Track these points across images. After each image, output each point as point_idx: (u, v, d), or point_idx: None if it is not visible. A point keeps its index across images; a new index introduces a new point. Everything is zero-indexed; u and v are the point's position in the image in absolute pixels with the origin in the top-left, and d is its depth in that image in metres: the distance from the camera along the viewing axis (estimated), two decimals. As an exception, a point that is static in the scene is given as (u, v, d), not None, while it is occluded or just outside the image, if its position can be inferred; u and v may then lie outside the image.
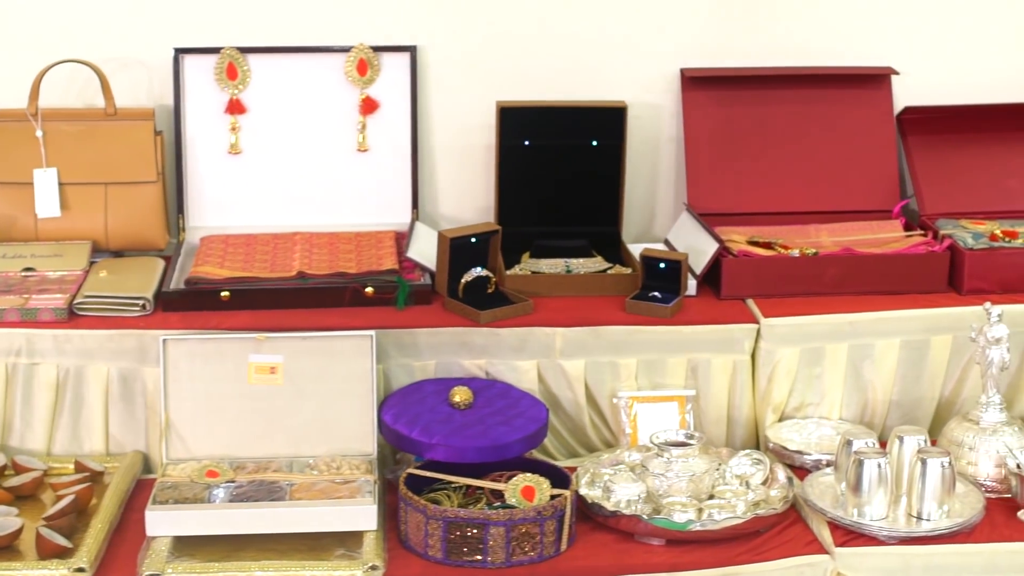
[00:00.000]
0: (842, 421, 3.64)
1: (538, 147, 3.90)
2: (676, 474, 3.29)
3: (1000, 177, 4.01)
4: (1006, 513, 3.31)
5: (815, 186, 4.00)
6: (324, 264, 3.65)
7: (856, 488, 3.24)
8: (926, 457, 3.25)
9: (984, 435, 3.43)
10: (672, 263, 3.60)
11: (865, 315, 3.59)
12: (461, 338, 3.51)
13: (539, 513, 3.11)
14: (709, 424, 3.60)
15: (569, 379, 3.53)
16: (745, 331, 3.55)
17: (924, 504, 3.25)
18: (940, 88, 4.07)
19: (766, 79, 4.00)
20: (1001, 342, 3.41)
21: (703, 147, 3.96)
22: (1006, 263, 3.69)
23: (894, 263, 3.70)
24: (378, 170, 3.93)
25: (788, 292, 3.67)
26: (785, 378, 3.58)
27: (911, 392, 3.63)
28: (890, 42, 4.04)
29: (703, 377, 3.56)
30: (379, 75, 3.90)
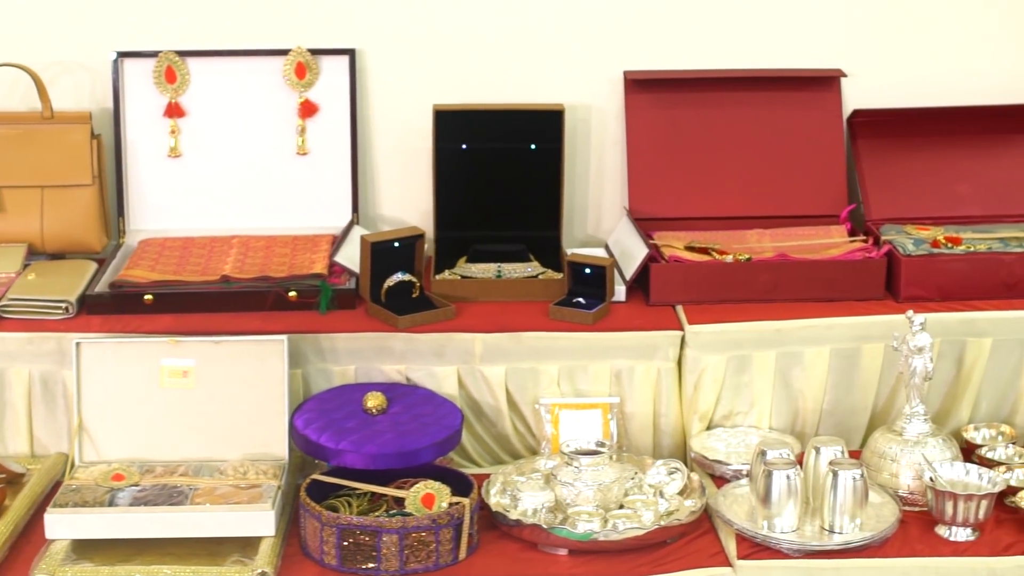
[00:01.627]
0: (772, 430, 3.58)
1: (476, 151, 3.87)
2: (584, 483, 3.25)
3: (951, 182, 3.93)
4: (922, 527, 3.24)
5: (761, 190, 3.93)
6: (255, 268, 3.65)
7: (765, 499, 3.18)
8: (837, 469, 3.19)
9: (907, 447, 3.35)
10: (597, 268, 3.56)
11: (793, 322, 3.52)
12: (380, 343, 3.49)
13: (434, 521, 3.08)
14: (635, 432, 3.55)
15: (490, 385, 3.50)
16: (668, 338, 3.50)
17: (836, 517, 3.18)
18: (891, 91, 3.99)
19: (711, 81, 3.94)
20: (924, 351, 3.34)
21: (646, 151, 3.91)
22: (945, 270, 3.61)
23: (829, 270, 3.63)
24: (318, 173, 3.92)
25: (719, 299, 3.61)
26: (711, 386, 3.52)
27: (843, 401, 3.56)
28: (839, 44, 3.97)
29: (627, 384, 3.52)
30: (318, 78, 3.90)
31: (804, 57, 3.97)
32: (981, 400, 3.62)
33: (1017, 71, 3.99)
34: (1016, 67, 3.99)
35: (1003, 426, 3.60)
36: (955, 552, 3.16)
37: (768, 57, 3.97)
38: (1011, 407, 3.63)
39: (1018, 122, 3.94)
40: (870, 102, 3.96)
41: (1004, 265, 3.62)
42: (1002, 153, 3.94)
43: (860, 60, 3.97)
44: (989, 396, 3.61)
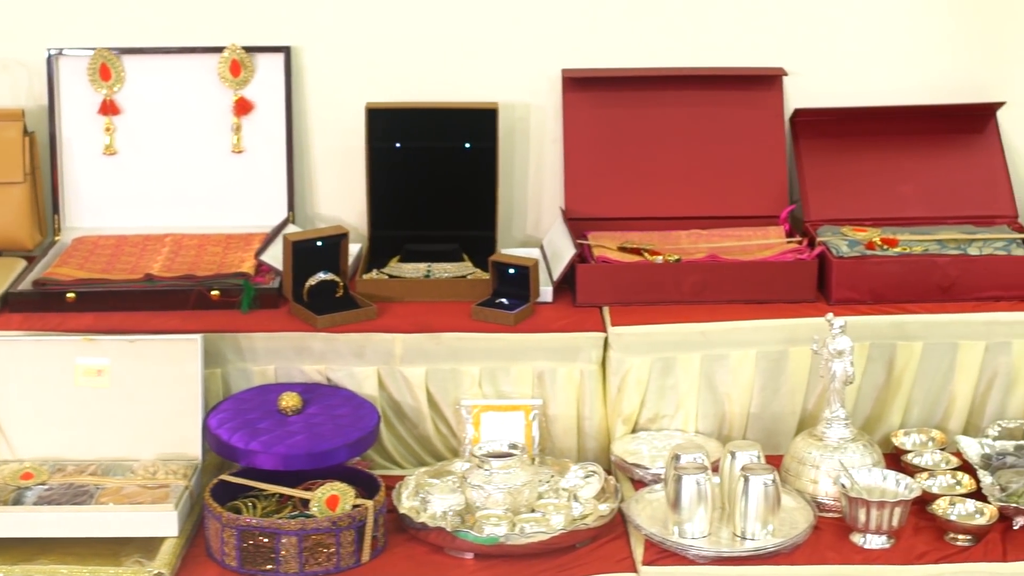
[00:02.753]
0: (698, 434, 3.53)
1: (410, 150, 3.84)
2: (495, 486, 3.21)
3: (894, 183, 3.86)
4: (838, 534, 3.19)
5: (701, 191, 3.88)
6: (184, 266, 3.63)
7: (676, 504, 3.14)
8: (749, 474, 3.14)
9: (827, 452, 3.29)
10: (521, 269, 3.52)
11: (718, 325, 3.47)
12: (300, 343, 3.47)
13: (334, 523, 3.06)
14: (558, 435, 3.51)
15: (410, 386, 3.48)
16: (591, 340, 3.46)
17: (747, 523, 3.13)
18: (835, 90, 3.93)
19: (651, 80, 3.89)
20: (844, 355, 3.29)
21: (583, 150, 3.87)
22: (876, 272, 3.55)
23: (760, 271, 3.58)
24: (254, 171, 3.91)
25: (647, 300, 3.57)
26: (636, 389, 3.48)
27: (770, 405, 3.51)
28: (781, 43, 3.92)
29: (550, 386, 3.48)
30: (253, 76, 3.88)
31: (745, 56, 3.92)
32: (912, 405, 3.56)
33: (962, 70, 3.93)
34: (961, 66, 3.93)
35: (933, 431, 3.54)
36: (866, 560, 3.10)
37: (709, 56, 3.92)
38: (943, 412, 3.57)
39: (963, 122, 3.88)
40: (813, 101, 3.90)
41: (938, 267, 3.56)
42: (946, 154, 3.88)
43: (803, 59, 3.92)
44: (920, 401, 3.55)
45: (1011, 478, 3.28)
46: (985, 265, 3.57)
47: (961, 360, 3.51)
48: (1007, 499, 3.20)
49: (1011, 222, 3.81)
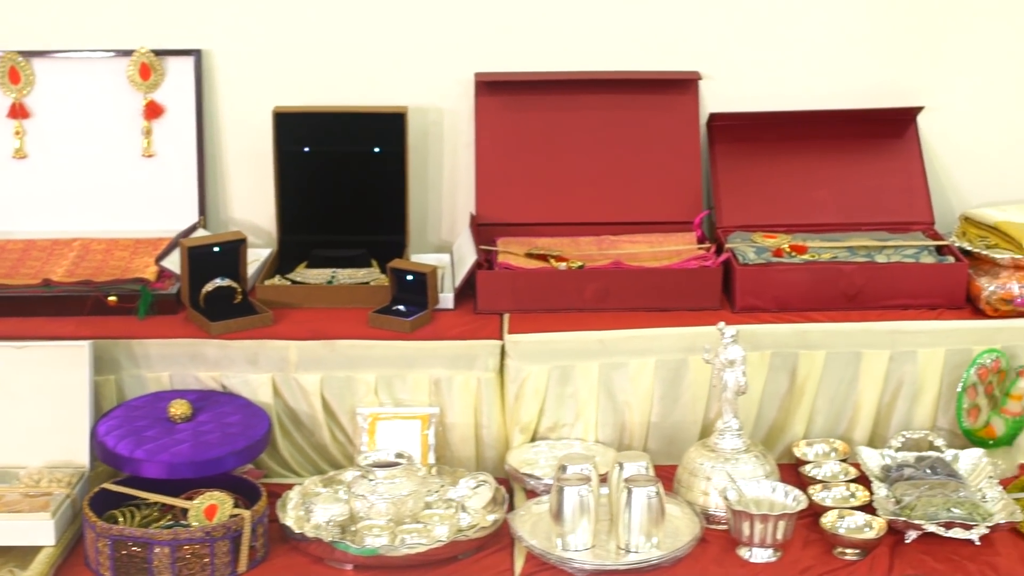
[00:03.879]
0: (597, 443, 3.48)
1: (319, 154, 3.80)
2: (379, 496, 3.17)
3: (809, 188, 3.81)
4: (725, 547, 3.14)
5: (616, 196, 3.84)
6: (89, 271, 3.61)
7: (558, 516, 3.10)
8: (632, 486, 3.09)
9: (719, 463, 3.25)
10: (419, 275, 3.48)
11: (616, 333, 3.43)
12: (194, 350, 3.44)
13: (208, 534, 3.03)
14: (456, 443, 3.48)
15: (305, 393, 3.44)
16: (487, 347, 3.42)
17: (631, 535, 3.08)
18: (752, 94, 3.87)
19: (565, 84, 3.85)
20: (736, 364, 3.24)
21: (496, 155, 3.83)
22: (780, 280, 3.50)
23: (663, 279, 3.54)
24: (164, 175, 3.89)
25: (549, 307, 3.52)
26: (534, 397, 3.44)
27: (671, 414, 3.47)
28: (697, 46, 3.86)
29: (447, 394, 3.44)
30: (164, 79, 3.85)
31: (661, 60, 3.86)
32: (816, 415, 3.50)
33: (881, 75, 3.87)
34: (880, 71, 3.87)
35: (836, 442, 3.49)
36: (750, 574, 3.06)
37: (624, 60, 3.86)
38: (848, 422, 3.51)
39: (882, 127, 3.83)
40: (729, 106, 3.85)
41: (844, 275, 3.50)
42: (864, 159, 3.82)
43: (719, 63, 3.86)
44: (825, 411, 3.50)
45: (906, 490, 3.22)
46: (892, 273, 3.52)
47: (865, 369, 3.46)
48: (900, 512, 3.14)
49: (926, 228, 3.75)
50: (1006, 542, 3.15)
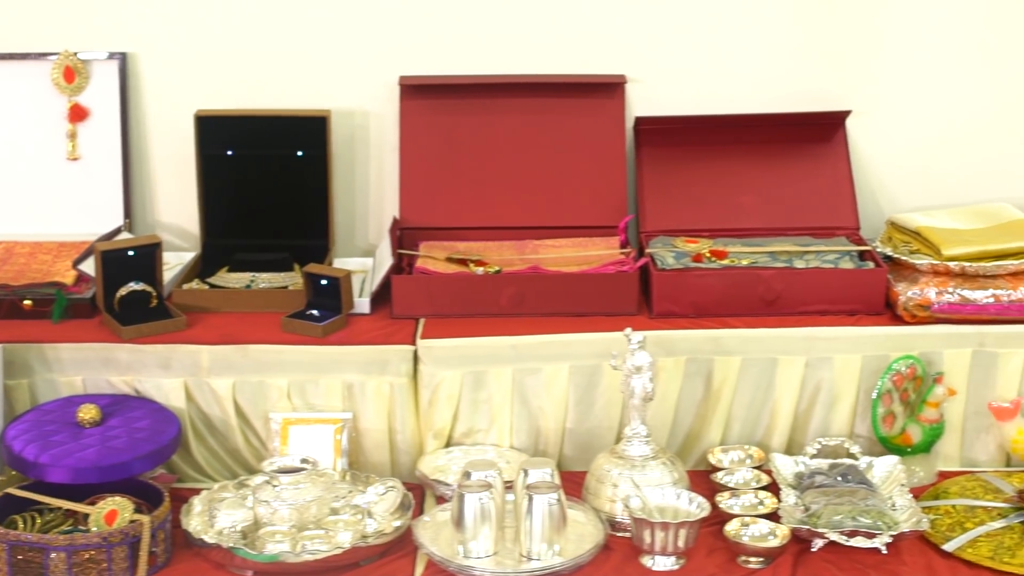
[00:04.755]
0: (512, 449, 3.46)
1: (242, 157, 3.79)
2: (282, 502, 3.16)
3: (735, 193, 3.79)
4: (629, 554, 3.12)
5: (542, 200, 3.82)
6: (9, 275, 3.60)
7: (459, 523, 3.08)
8: (533, 493, 3.07)
9: (626, 469, 3.23)
10: (333, 280, 3.46)
11: (529, 338, 3.41)
12: (106, 354, 3.43)
13: (104, 539, 3.02)
14: (370, 448, 3.46)
15: (218, 398, 3.43)
16: (399, 353, 3.41)
17: (532, 542, 3.06)
18: (679, 98, 3.84)
19: (491, 88, 3.83)
20: (643, 370, 3.22)
21: (420, 158, 3.81)
22: (697, 285, 3.48)
23: (580, 284, 3.52)
24: (90, 178, 3.88)
25: (465, 312, 3.51)
26: (447, 402, 3.42)
27: (586, 420, 3.44)
28: (625, 50, 3.84)
29: (359, 399, 3.43)
30: (88, 82, 3.84)
31: (588, 63, 3.84)
32: (733, 421, 3.48)
33: (807, 80, 3.84)
34: (806, 76, 3.85)
35: (752, 448, 3.46)
36: (650, 582, 3.03)
37: (551, 63, 3.84)
38: (765, 429, 3.49)
39: (809, 131, 3.81)
40: (657, 110, 3.82)
41: (762, 281, 3.48)
42: (791, 164, 3.80)
43: (647, 67, 3.84)
44: (741, 417, 3.48)
45: (816, 498, 3.19)
46: (810, 279, 3.49)
47: (781, 376, 3.44)
48: (807, 520, 3.12)
49: (851, 234, 3.72)
50: (913, 551, 3.12)
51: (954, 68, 3.86)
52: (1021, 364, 3.45)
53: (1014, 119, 3.87)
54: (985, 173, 3.89)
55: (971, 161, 3.89)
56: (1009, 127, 3.87)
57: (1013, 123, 3.87)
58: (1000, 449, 3.50)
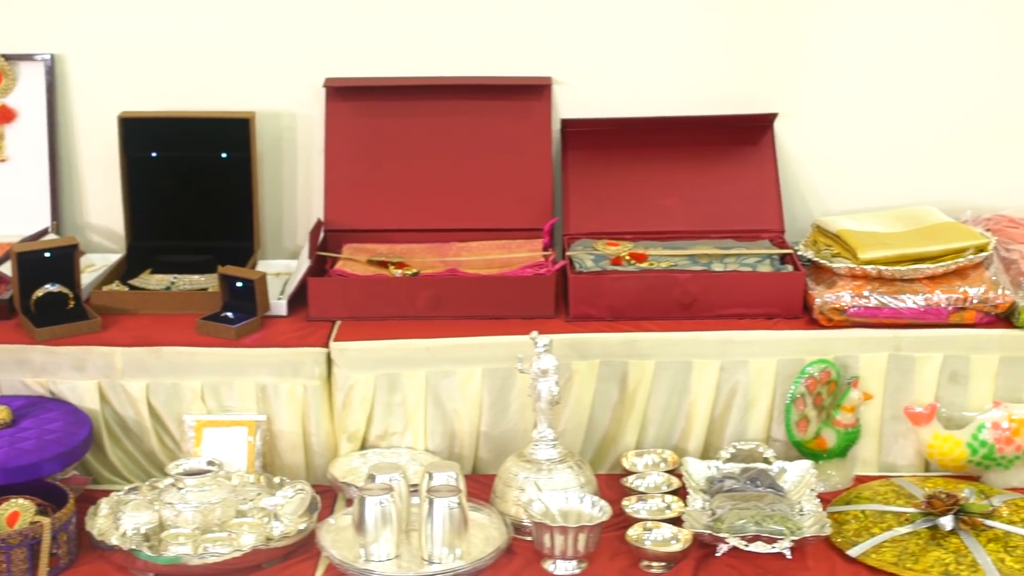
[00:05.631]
0: (427, 452, 3.45)
1: (167, 159, 3.79)
2: (187, 504, 3.16)
3: (659, 196, 3.77)
4: (531, 559, 3.11)
5: (467, 202, 3.81)
6: (-69, 277, 3.61)
7: (360, 526, 3.07)
8: (433, 496, 3.06)
9: (533, 473, 3.22)
10: (248, 282, 3.46)
11: (442, 341, 3.40)
12: (20, 356, 3.44)
13: (3, 541, 3.01)
14: (285, 451, 3.46)
15: (132, 400, 3.43)
16: (312, 355, 3.40)
17: (434, 546, 3.06)
18: (607, 101, 3.83)
19: (417, 90, 3.82)
20: (549, 374, 3.21)
21: (346, 160, 3.81)
22: (613, 288, 3.47)
23: (496, 286, 3.51)
24: (17, 180, 3.89)
25: (382, 314, 3.50)
26: (361, 405, 3.42)
27: (500, 423, 3.44)
28: (552, 52, 3.83)
29: (273, 402, 3.42)
30: (16, 84, 3.85)
31: (515, 65, 3.83)
32: (649, 424, 3.47)
33: (735, 82, 3.83)
34: (734, 78, 3.83)
35: (666, 452, 3.45)
36: (551, 586, 3.02)
37: (478, 65, 3.83)
38: (681, 433, 3.48)
39: (737, 134, 3.79)
40: (584, 112, 3.81)
41: (678, 284, 3.47)
42: (717, 166, 3.79)
43: (574, 69, 3.82)
44: (657, 421, 3.47)
45: (722, 503, 3.18)
46: (727, 282, 3.48)
47: (696, 379, 3.42)
48: (713, 525, 3.11)
49: (775, 237, 3.70)
50: (819, 556, 3.11)
51: (884, 70, 3.85)
52: (938, 369, 3.42)
53: (943, 121, 3.85)
54: (914, 176, 3.88)
55: (901, 164, 3.87)
56: (938, 130, 3.85)
57: (942, 126, 3.85)
58: (919, 454, 3.46)
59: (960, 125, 3.85)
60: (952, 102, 3.85)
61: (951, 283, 3.43)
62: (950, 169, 3.88)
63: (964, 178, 3.89)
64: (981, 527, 3.13)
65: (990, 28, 3.78)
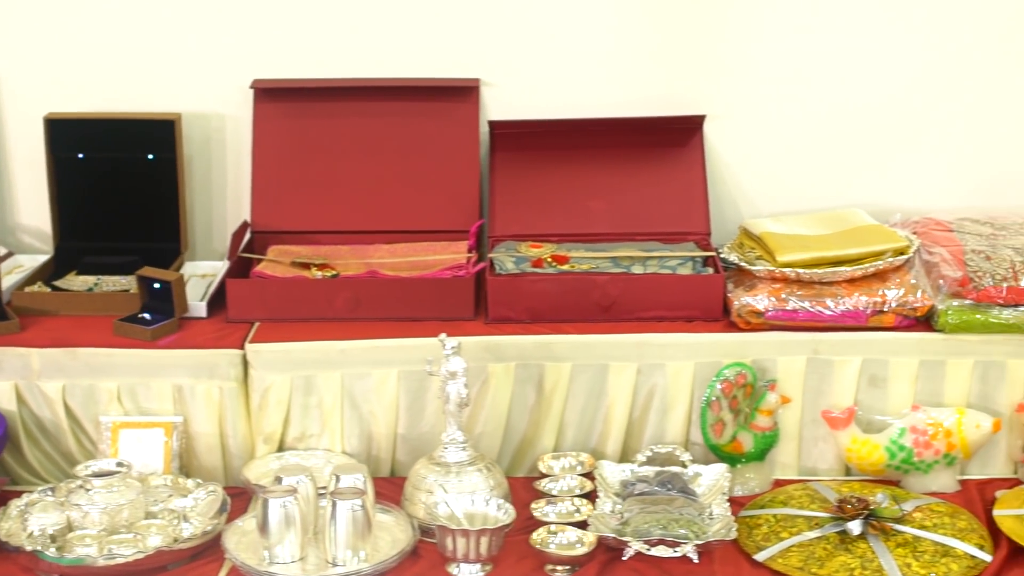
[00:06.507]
0: (344, 454, 3.45)
1: (94, 160, 3.79)
2: (94, 506, 3.15)
3: (585, 197, 3.76)
4: (437, 562, 3.10)
5: (395, 204, 3.80)
6: None
7: (264, 528, 3.07)
8: (336, 499, 3.05)
9: (441, 476, 3.21)
10: (165, 283, 3.46)
11: (357, 343, 3.40)
12: (-63, 357, 3.43)
13: None
14: (202, 452, 3.45)
15: (49, 401, 3.43)
16: (228, 357, 3.40)
17: (337, 548, 3.05)
18: (536, 102, 3.82)
19: (345, 91, 3.82)
20: (457, 376, 3.20)
21: (273, 162, 3.80)
22: (532, 291, 3.46)
23: (415, 288, 3.50)
24: (-53, 182, 3.87)
25: (301, 316, 3.50)
26: (277, 407, 3.41)
27: (417, 426, 3.43)
28: (480, 53, 3.81)
29: (190, 403, 3.42)
30: (-55, 86, 3.84)
31: (444, 67, 3.82)
32: (566, 428, 3.45)
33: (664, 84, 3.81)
34: (662, 80, 3.81)
35: (583, 455, 3.44)
36: (453, 589, 3.01)
37: (406, 66, 3.82)
38: (599, 436, 3.46)
39: (666, 136, 3.78)
40: (513, 114, 3.79)
41: (597, 286, 3.45)
42: (645, 169, 3.77)
43: (503, 71, 3.81)
44: (575, 424, 3.45)
45: (631, 506, 3.17)
46: (647, 284, 3.47)
47: (613, 382, 3.41)
48: (620, 528, 3.10)
49: (701, 239, 3.68)
50: (727, 560, 3.09)
51: (817, 72, 3.83)
52: (857, 372, 3.40)
53: (873, 124, 3.82)
54: (846, 178, 3.86)
55: (833, 166, 3.85)
56: (869, 132, 3.83)
57: (873, 128, 3.82)
58: (839, 458, 3.45)
59: (891, 127, 3.83)
60: (883, 104, 3.83)
61: (871, 286, 3.41)
62: (882, 171, 3.86)
63: (896, 180, 3.86)
64: (891, 532, 3.11)
65: (918, 30, 3.76)
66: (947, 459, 3.37)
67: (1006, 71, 3.79)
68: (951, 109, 3.81)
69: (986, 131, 3.83)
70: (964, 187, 3.85)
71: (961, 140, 3.84)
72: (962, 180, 3.85)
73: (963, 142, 3.84)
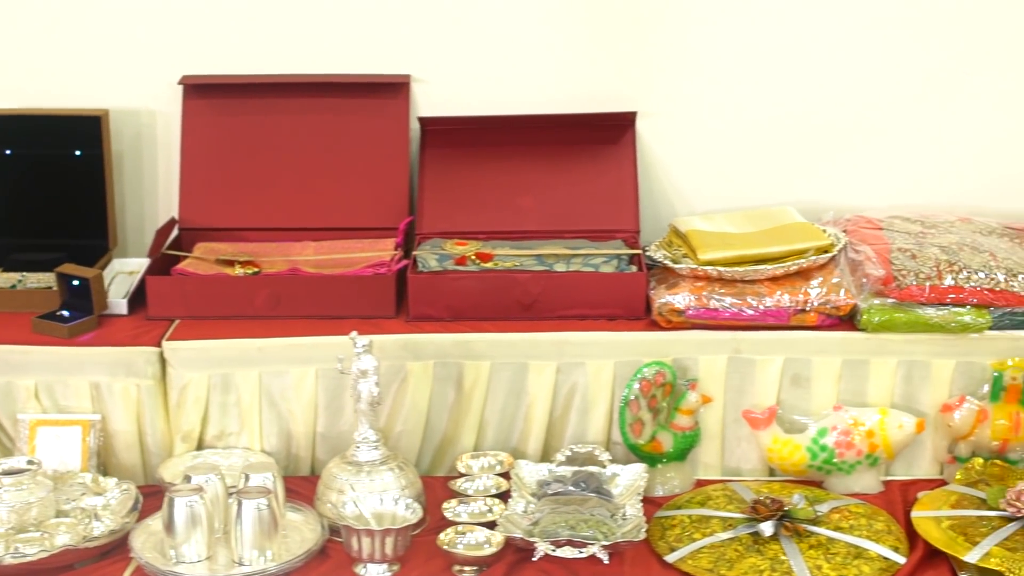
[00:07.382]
0: (263, 452, 3.43)
1: (20, 157, 3.77)
2: (2, 503, 3.14)
3: (515, 195, 3.73)
4: (343, 562, 3.08)
5: (323, 201, 3.78)
6: None
7: (169, 527, 3.04)
8: (242, 498, 3.03)
9: (352, 475, 3.19)
10: (84, 280, 3.44)
11: (274, 341, 3.38)
12: None
13: None
14: (121, 450, 3.44)
15: (-34, 399, 3.41)
16: (145, 354, 3.38)
17: (243, 548, 3.03)
18: (468, 99, 3.79)
19: (274, 87, 3.79)
20: (368, 374, 3.17)
21: (202, 158, 3.78)
22: (453, 288, 3.43)
23: (336, 286, 3.47)
24: None
25: (222, 314, 3.48)
26: (195, 405, 3.39)
27: (336, 424, 3.40)
28: (411, 49, 3.79)
29: (108, 401, 3.40)
30: None
31: (375, 62, 3.79)
32: (487, 427, 3.43)
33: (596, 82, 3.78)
34: (595, 77, 3.78)
35: (502, 455, 3.41)
36: (359, 589, 2.98)
37: (336, 62, 3.80)
38: (520, 435, 3.44)
39: (597, 133, 3.75)
40: (443, 110, 3.77)
41: (518, 284, 3.43)
42: (575, 166, 3.75)
43: (433, 66, 3.78)
44: (495, 423, 3.43)
45: (543, 506, 3.14)
46: (568, 282, 3.44)
47: (533, 381, 3.38)
48: (529, 529, 3.07)
49: (629, 237, 3.65)
50: (638, 562, 3.07)
51: (750, 68, 3.80)
52: (779, 371, 3.37)
53: (805, 121, 3.79)
54: (779, 176, 3.83)
55: (765, 164, 3.82)
56: (801, 129, 3.80)
57: (805, 125, 3.79)
58: (762, 458, 3.41)
59: (823, 125, 3.80)
60: (816, 102, 3.80)
61: (794, 285, 3.37)
62: (815, 169, 3.83)
63: (831, 178, 3.83)
64: (805, 533, 3.08)
65: (851, 28, 3.72)
66: (870, 459, 3.33)
67: (944, 68, 3.76)
68: (887, 106, 3.78)
69: (920, 128, 3.79)
70: (898, 185, 3.80)
71: (895, 138, 3.81)
72: (896, 178, 3.81)
73: (897, 140, 3.81)
